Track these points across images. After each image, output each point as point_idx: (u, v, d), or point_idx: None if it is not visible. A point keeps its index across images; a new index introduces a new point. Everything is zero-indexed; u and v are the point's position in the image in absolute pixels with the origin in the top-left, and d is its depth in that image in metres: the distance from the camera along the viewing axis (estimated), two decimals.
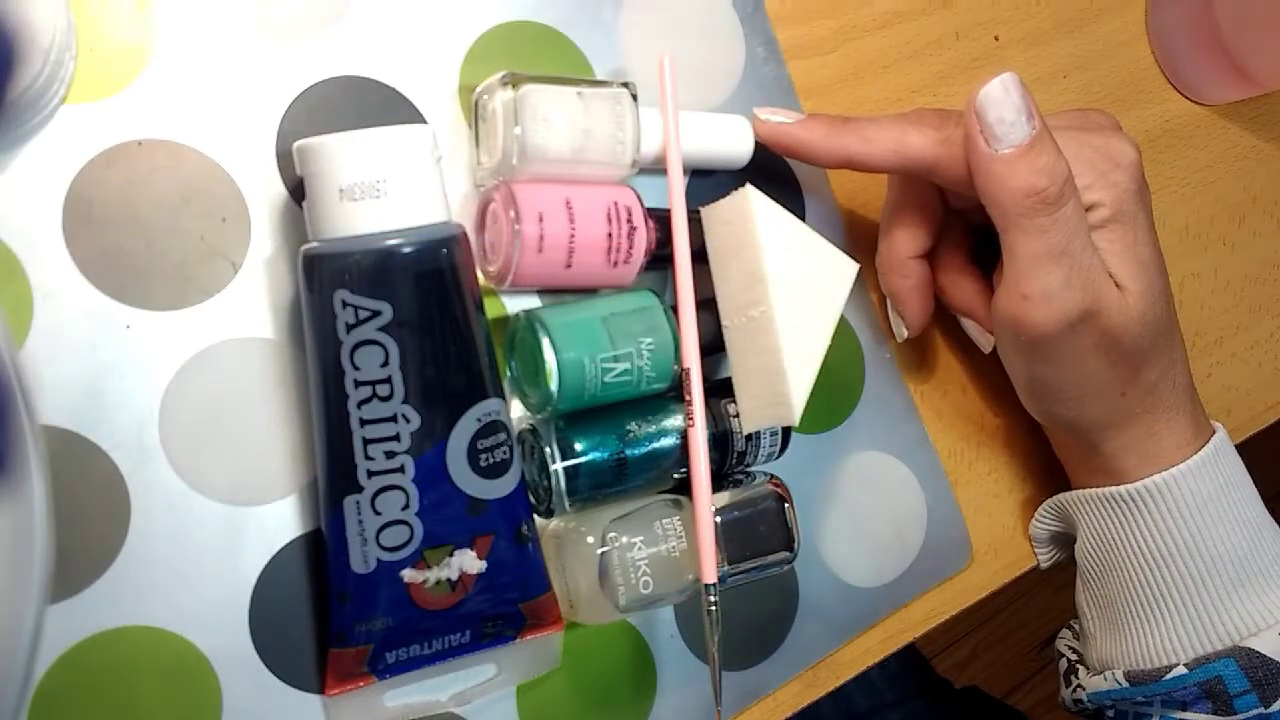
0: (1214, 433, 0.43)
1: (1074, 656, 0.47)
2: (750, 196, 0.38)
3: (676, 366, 0.38)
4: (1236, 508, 0.42)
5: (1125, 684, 0.42)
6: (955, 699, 0.72)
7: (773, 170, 0.44)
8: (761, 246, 0.38)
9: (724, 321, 0.40)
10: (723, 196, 0.39)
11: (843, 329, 0.45)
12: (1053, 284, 0.38)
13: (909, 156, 0.39)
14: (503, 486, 0.35)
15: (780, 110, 0.41)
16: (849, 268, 0.40)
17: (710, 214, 0.40)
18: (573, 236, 0.37)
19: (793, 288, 0.38)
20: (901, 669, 0.69)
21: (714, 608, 0.37)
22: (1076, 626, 0.48)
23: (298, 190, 0.35)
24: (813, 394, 0.38)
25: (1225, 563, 0.41)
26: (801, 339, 0.38)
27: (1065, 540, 0.48)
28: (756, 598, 0.42)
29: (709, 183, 0.43)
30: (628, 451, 0.38)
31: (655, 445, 0.38)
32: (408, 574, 0.34)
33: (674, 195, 0.38)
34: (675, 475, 0.39)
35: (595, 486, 0.38)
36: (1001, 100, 0.37)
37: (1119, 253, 0.39)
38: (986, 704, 0.71)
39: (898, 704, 0.68)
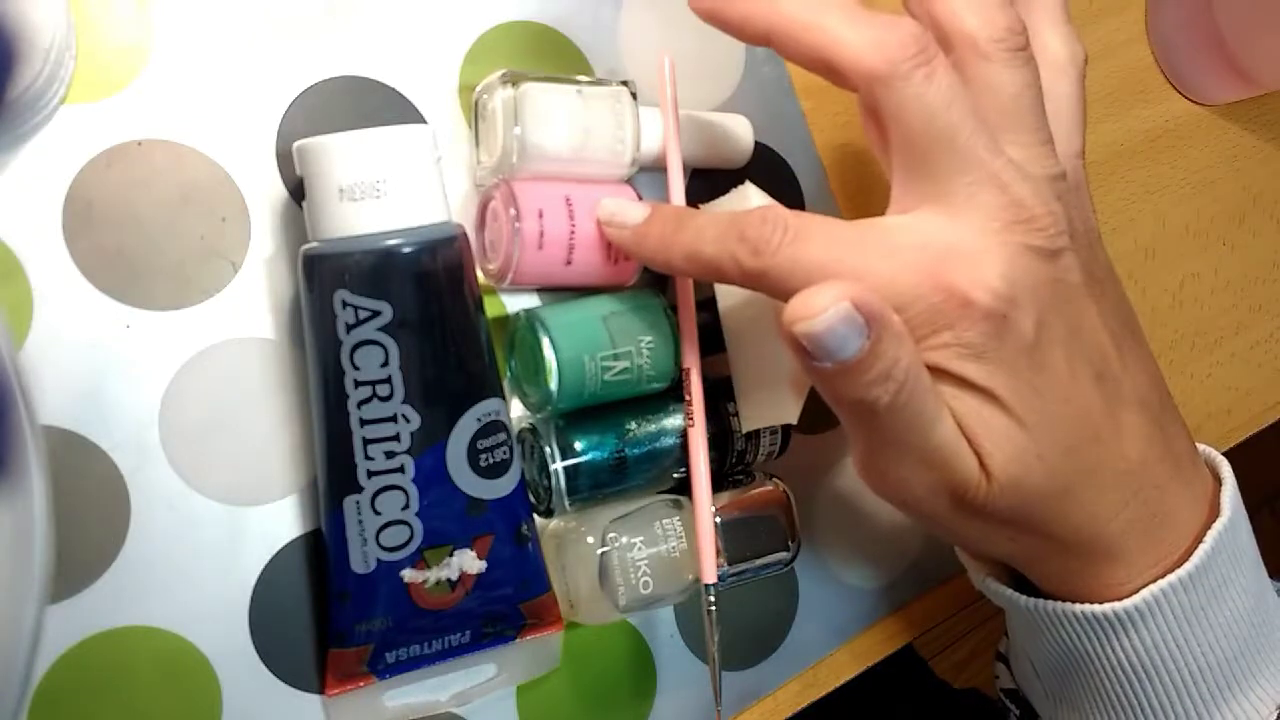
0: (1215, 510, 0.35)
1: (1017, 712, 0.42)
2: (750, 194, 0.38)
3: (676, 365, 0.38)
4: (1233, 601, 0.34)
5: None
6: (955, 700, 0.72)
7: (773, 170, 0.44)
8: None
9: (723, 322, 0.40)
10: (721, 194, 0.39)
11: None
12: (887, 468, 0.32)
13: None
14: (503, 486, 0.35)
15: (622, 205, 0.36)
16: None
17: (710, 211, 0.40)
18: (573, 233, 0.37)
19: None
20: (901, 669, 0.69)
21: (714, 608, 0.37)
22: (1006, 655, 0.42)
23: (298, 190, 0.35)
24: (812, 393, 0.38)
25: (1216, 666, 0.34)
26: None
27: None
28: (756, 598, 0.42)
29: (710, 182, 0.43)
30: (627, 451, 0.38)
31: (655, 445, 0.38)
32: (408, 574, 0.34)
33: (673, 194, 0.38)
34: (675, 475, 0.39)
35: (595, 486, 0.38)
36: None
37: (974, 412, 0.30)
38: (987, 706, 0.71)
39: (898, 705, 0.68)
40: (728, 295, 0.39)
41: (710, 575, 0.37)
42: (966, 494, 0.31)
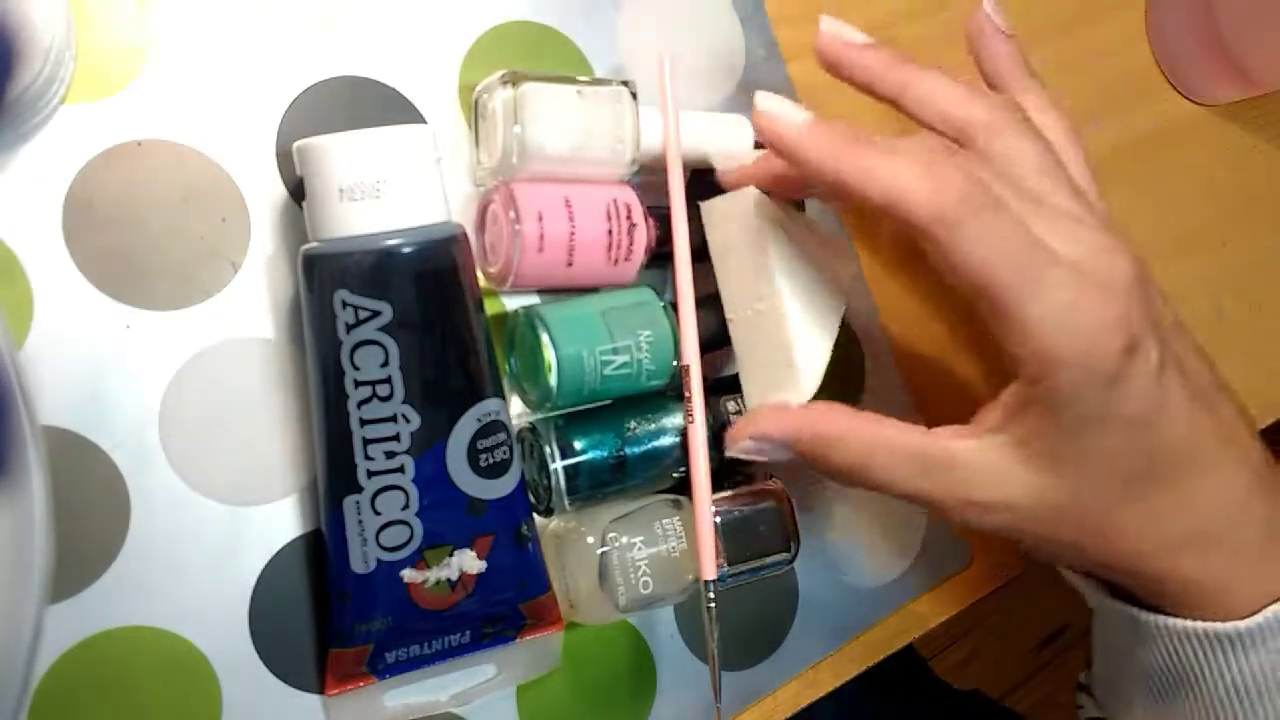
0: None
1: None
2: (752, 191, 0.38)
3: (675, 360, 0.38)
4: None
5: None
6: (955, 701, 0.72)
7: None
8: (766, 240, 0.37)
9: (728, 315, 0.40)
10: (719, 193, 0.39)
11: (841, 328, 0.45)
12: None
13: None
14: (503, 486, 0.35)
15: (785, 103, 0.35)
16: (852, 261, 0.40)
17: (710, 209, 0.40)
18: (573, 235, 0.37)
19: (798, 280, 0.38)
20: (901, 669, 0.69)
21: (713, 605, 0.37)
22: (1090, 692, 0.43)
23: (298, 190, 0.35)
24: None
25: None
26: (809, 330, 0.38)
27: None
28: (756, 598, 0.42)
29: (710, 182, 0.43)
30: (627, 450, 0.38)
31: (655, 444, 0.38)
32: (408, 574, 0.34)
33: (673, 193, 0.38)
34: (675, 474, 0.39)
35: (595, 485, 0.38)
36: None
37: (1029, 457, 0.33)
38: (987, 706, 0.71)
39: (898, 705, 0.68)
40: (731, 289, 0.39)
41: (710, 572, 0.37)
42: (1029, 525, 0.33)
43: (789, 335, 0.37)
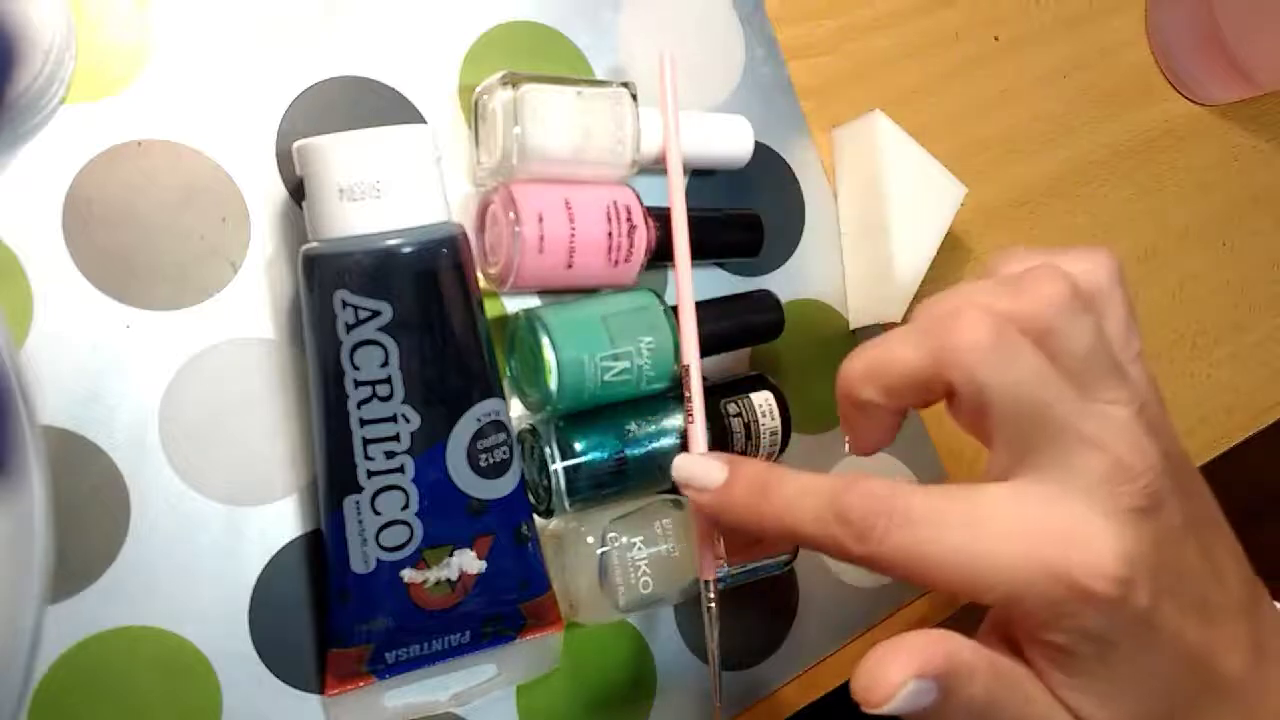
0: None
1: None
2: (878, 119, 0.43)
3: (676, 366, 0.38)
4: None
5: None
6: None
7: (773, 170, 0.44)
8: (883, 164, 0.43)
9: (841, 228, 0.45)
10: (721, 195, 0.39)
11: (841, 327, 0.45)
12: None
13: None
14: (503, 486, 0.35)
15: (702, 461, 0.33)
16: (958, 190, 0.44)
17: (840, 134, 0.45)
18: (573, 236, 0.37)
19: (907, 203, 0.43)
20: None
21: (713, 605, 0.37)
22: None
23: (298, 190, 0.35)
24: (812, 392, 0.38)
25: None
26: (911, 248, 0.43)
27: None
28: (756, 598, 0.42)
29: (709, 182, 0.43)
30: (627, 451, 0.38)
31: (655, 445, 0.38)
32: (408, 574, 0.34)
33: (674, 192, 0.38)
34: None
35: (595, 486, 0.38)
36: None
37: (1082, 686, 0.30)
38: None
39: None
40: (848, 205, 0.45)
41: (709, 572, 0.37)
42: None
43: (892, 250, 0.43)
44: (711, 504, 0.33)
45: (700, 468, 0.33)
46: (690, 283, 0.38)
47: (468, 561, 0.35)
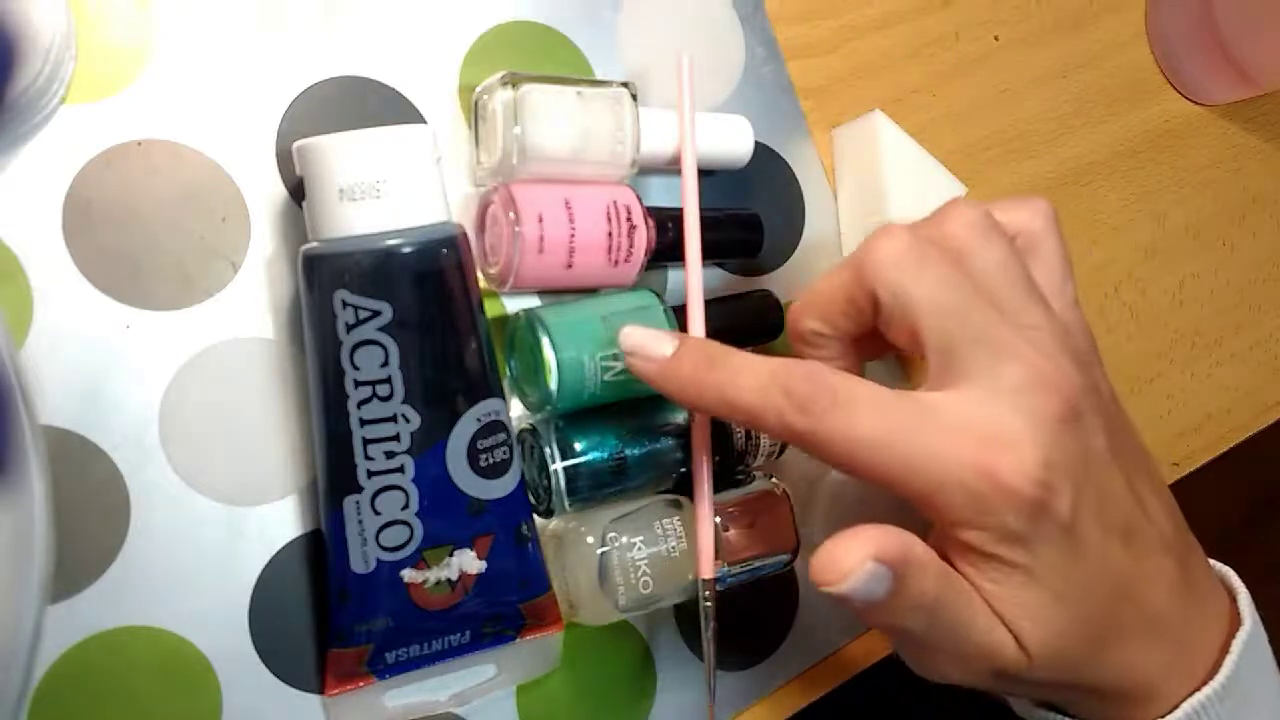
0: (1235, 621, 0.35)
1: None
2: (878, 119, 0.43)
3: None
4: (1265, 706, 0.35)
5: None
6: (956, 700, 0.72)
7: (773, 170, 0.44)
8: (883, 164, 0.43)
9: (841, 228, 0.45)
10: (720, 197, 0.39)
11: None
12: (930, 666, 0.33)
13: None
14: (503, 486, 0.35)
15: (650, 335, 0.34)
16: (958, 190, 0.44)
17: (840, 134, 0.45)
18: (573, 236, 0.37)
19: (907, 203, 0.43)
20: (901, 669, 0.69)
21: (709, 604, 0.37)
22: None
23: (298, 190, 0.35)
24: None
25: None
26: None
27: None
28: (756, 598, 0.42)
29: (709, 182, 0.43)
30: (627, 451, 0.38)
31: (655, 445, 0.38)
32: (408, 574, 0.34)
33: (688, 192, 0.38)
34: (675, 475, 0.39)
35: (595, 486, 0.38)
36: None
37: (1011, 594, 0.31)
38: (987, 706, 0.71)
39: (898, 704, 0.68)
40: (848, 204, 0.45)
41: (707, 571, 0.37)
42: (1007, 671, 0.32)
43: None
44: (657, 374, 0.33)
45: (650, 336, 0.34)
46: (700, 282, 0.38)
47: (468, 561, 0.35)
